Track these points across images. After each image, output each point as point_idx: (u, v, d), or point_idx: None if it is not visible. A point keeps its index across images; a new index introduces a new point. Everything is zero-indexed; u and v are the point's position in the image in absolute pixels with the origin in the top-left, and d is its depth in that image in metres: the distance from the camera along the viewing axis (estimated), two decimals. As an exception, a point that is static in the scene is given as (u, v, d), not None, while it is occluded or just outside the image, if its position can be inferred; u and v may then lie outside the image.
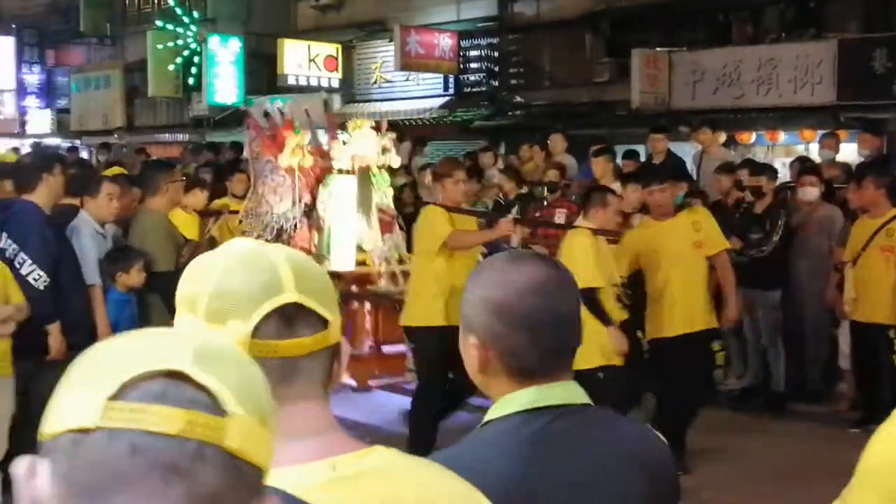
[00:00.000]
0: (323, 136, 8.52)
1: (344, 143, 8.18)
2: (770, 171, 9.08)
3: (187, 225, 7.79)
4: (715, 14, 14.87)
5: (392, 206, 8.27)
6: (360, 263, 8.51)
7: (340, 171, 8.09)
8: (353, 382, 8.41)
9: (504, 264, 1.68)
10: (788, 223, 8.54)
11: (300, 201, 7.99)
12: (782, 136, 13.73)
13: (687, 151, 11.80)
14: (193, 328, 1.15)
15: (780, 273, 8.50)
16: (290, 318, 1.22)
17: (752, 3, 14.64)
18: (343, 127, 8.48)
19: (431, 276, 6.60)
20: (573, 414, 1.64)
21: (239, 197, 10.03)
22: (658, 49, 14.44)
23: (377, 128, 8.27)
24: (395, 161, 8.31)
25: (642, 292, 6.78)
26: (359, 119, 8.55)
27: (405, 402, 7.49)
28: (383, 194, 8.27)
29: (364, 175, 8.17)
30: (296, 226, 8.01)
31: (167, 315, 5.77)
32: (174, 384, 0.84)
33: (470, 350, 1.64)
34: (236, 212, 9.34)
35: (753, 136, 13.86)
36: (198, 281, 1.25)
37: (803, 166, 9.62)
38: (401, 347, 8.67)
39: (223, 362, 0.89)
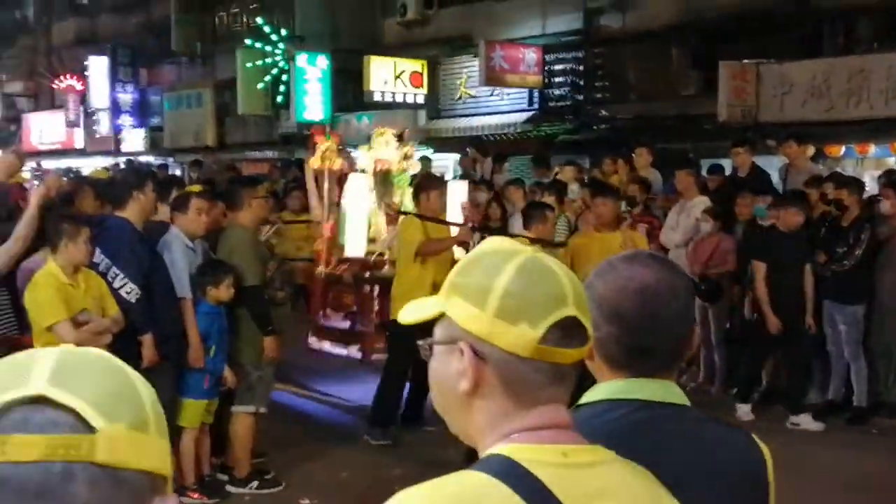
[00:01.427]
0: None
1: (369, 148, 9.28)
2: (854, 184, 9.06)
3: None
4: (804, 25, 14.79)
5: (402, 202, 9.16)
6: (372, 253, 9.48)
7: (363, 171, 9.18)
8: (359, 355, 9.20)
9: (620, 261, 1.80)
10: (874, 236, 8.57)
11: (324, 199, 9.06)
12: (872, 149, 13.64)
13: (775, 165, 11.78)
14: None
15: (863, 287, 8.55)
16: (570, 329, 1.34)
17: (844, 14, 14.54)
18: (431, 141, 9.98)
19: (412, 277, 7.66)
20: (659, 409, 1.71)
21: (296, 211, 11.05)
22: (746, 61, 14.39)
23: (400, 137, 9.43)
24: (415, 167, 9.42)
25: None
26: (381, 129, 9.74)
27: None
28: (402, 193, 9.23)
29: (385, 176, 9.19)
30: (326, 218, 9.08)
31: (255, 327, 6.60)
32: (35, 409, 0.88)
33: None
34: (291, 222, 10.69)
35: (843, 150, 13.78)
36: (488, 275, 1.34)
37: (888, 179, 9.57)
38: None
39: (83, 376, 0.92)
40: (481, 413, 1.36)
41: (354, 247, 9.33)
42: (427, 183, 8.32)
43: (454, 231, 8.33)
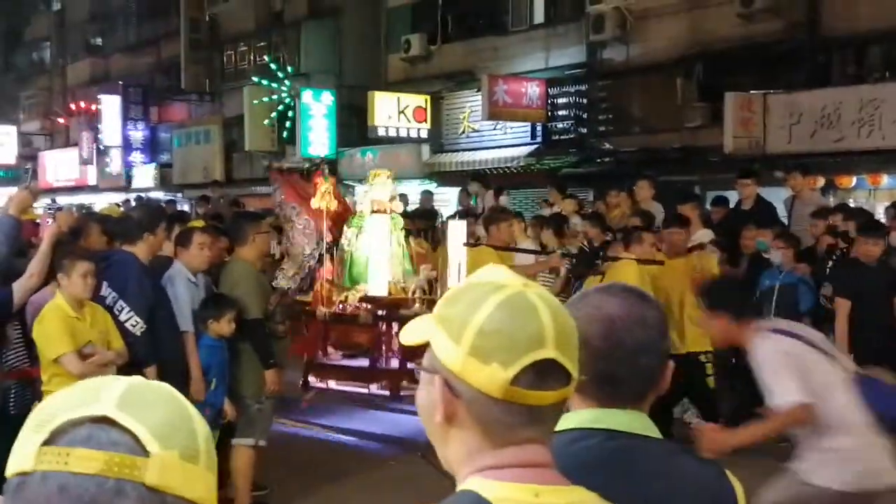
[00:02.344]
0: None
1: (365, 191, 9.21)
2: (862, 215, 8.37)
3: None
4: (814, 54, 14.09)
5: (423, 242, 9.30)
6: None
7: (374, 212, 9.06)
8: (386, 392, 9.08)
9: (594, 291, 1.79)
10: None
11: (323, 240, 8.83)
12: (885, 180, 12.82)
13: (782, 196, 11.07)
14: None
15: None
16: (545, 371, 1.27)
17: (854, 42, 13.82)
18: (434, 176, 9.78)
19: None
20: (628, 440, 1.67)
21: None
22: (753, 91, 13.74)
23: (391, 176, 9.42)
24: (398, 207, 9.28)
25: None
26: (378, 170, 9.60)
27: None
28: (399, 234, 9.17)
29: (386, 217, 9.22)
30: (321, 260, 8.85)
31: (257, 360, 6.47)
32: (100, 428, 0.94)
33: None
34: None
35: (854, 181, 12.99)
36: (468, 309, 1.28)
37: None
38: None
39: (147, 405, 0.98)
40: (457, 445, 1.32)
41: (376, 287, 9.13)
42: (497, 216, 8.68)
43: (522, 258, 8.56)
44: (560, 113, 17.79)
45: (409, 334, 1.37)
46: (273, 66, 22.47)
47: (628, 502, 1.51)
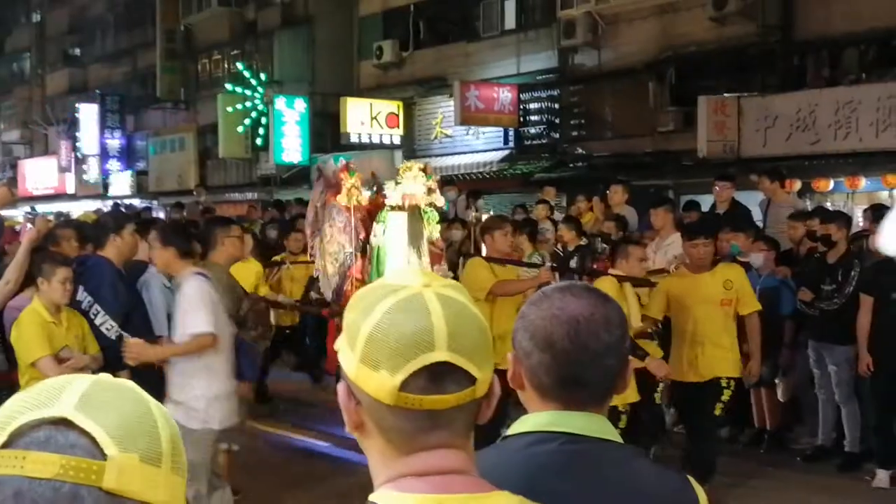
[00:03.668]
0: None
1: (397, 183, 8.35)
2: (842, 219, 7.83)
3: (251, 274, 8.61)
4: (788, 57, 13.38)
5: (440, 239, 8.23)
6: None
7: (393, 208, 8.20)
8: None
9: (556, 291, 1.65)
10: (863, 273, 7.29)
11: (357, 237, 8.16)
12: (864, 183, 12.08)
13: (758, 200, 10.36)
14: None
15: (853, 326, 7.21)
16: (439, 375, 1.18)
17: (829, 44, 13.10)
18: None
19: None
20: (588, 444, 1.57)
21: (295, 254, 10.27)
22: (726, 95, 13.04)
23: (424, 169, 8.29)
24: (440, 200, 8.24)
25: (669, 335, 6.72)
26: (409, 163, 8.50)
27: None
28: (433, 230, 8.28)
29: (414, 212, 8.16)
30: (354, 258, 8.26)
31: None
32: (58, 430, 0.88)
33: (508, 363, 1.62)
34: (295, 263, 9.99)
35: (832, 183, 12.25)
36: (362, 315, 1.21)
37: (876, 214, 8.23)
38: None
39: (107, 405, 0.91)
40: (370, 453, 1.27)
41: None
42: (491, 223, 7.66)
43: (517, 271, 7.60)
44: (532, 118, 17.15)
45: (338, 342, 1.28)
46: (246, 74, 21.90)
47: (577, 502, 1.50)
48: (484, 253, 7.62)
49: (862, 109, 11.64)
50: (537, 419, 1.59)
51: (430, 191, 8.16)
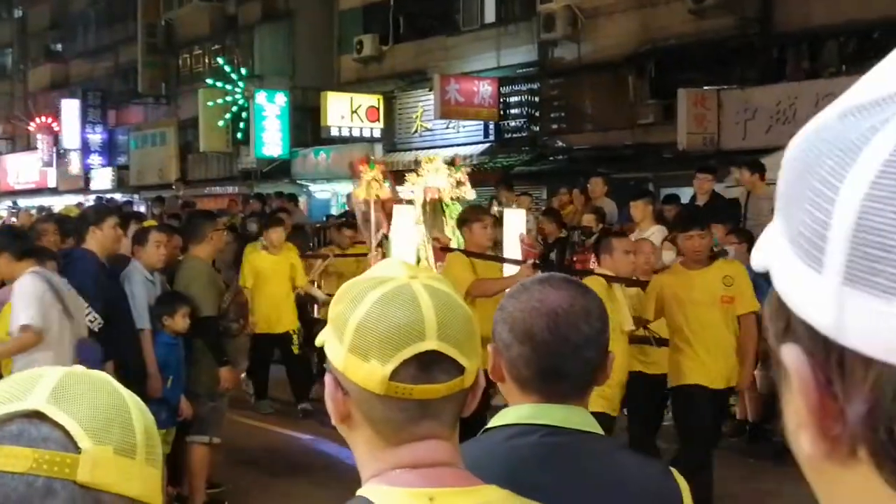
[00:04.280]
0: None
1: (418, 175, 8.02)
2: None
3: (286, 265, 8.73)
4: (767, 50, 13.12)
5: (450, 235, 7.80)
6: None
7: (410, 202, 7.98)
8: None
9: (535, 283, 1.62)
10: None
11: (378, 231, 8.03)
12: (845, 175, 11.86)
13: (738, 192, 10.17)
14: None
15: None
16: (429, 364, 1.17)
17: (809, 37, 12.86)
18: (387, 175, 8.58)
19: None
20: (569, 435, 1.55)
21: (342, 247, 10.04)
22: (706, 87, 12.80)
23: (452, 162, 8.14)
24: (470, 193, 7.91)
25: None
26: (432, 156, 8.55)
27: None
28: (452, 223, 7.87)
29: (436, 206, 7.85)
30: (376, 252, 8.00)
31: (211, 358, 6.26)
32: (31, 423, 0.86)
33: (488, 355, 1.56)
34: (340, 255, 9.79)
35: (813, 176, 12.02)
36: (350, 306, 1.19)
37: None
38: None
39: (80, 397, 0.88)
40: (357, 446, 1.24)
41: None
42: (470, 215, 6.89)
43: (508, 269, 6.87)
44: (512, 111, 16.84)
45: (319, 336, 1.25)
46: (227, 68, 21.49)
47: (569, 499, 1.47)
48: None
49: (842, 102, 11.42)
50: (518, 412, 1.56)
51: (458, 183, 7.86)
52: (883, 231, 0.45)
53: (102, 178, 28.74)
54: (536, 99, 16.43)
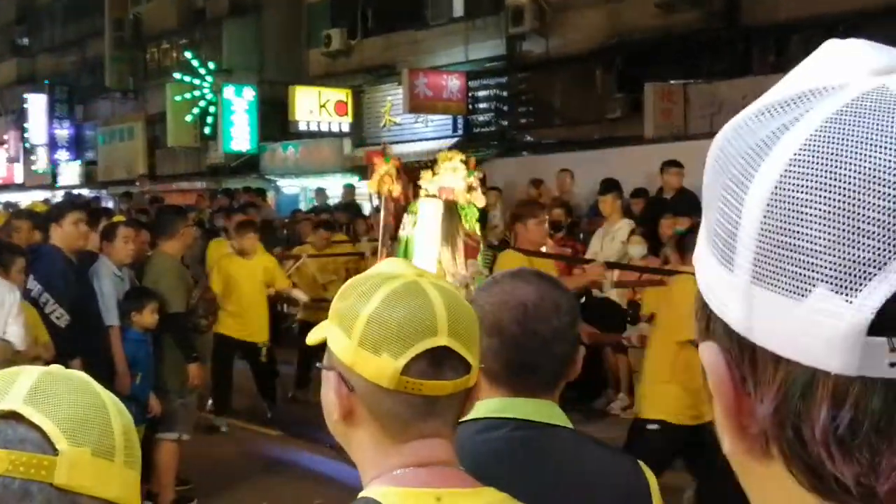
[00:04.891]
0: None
1: (434, 173, 7.44)
2: None
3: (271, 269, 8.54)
4: (734, 44, 13.01)
5: (478, 232, 7.32)
6: None
7: (428, 195, 7.39)
8: None
9: (506, 277, 1.61)
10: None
11: (388, 229, 7.54)
12: (811, 169, 11.79)
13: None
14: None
15: None
16: (440, 360, 1.18)
17: (774, 31, 12.76)
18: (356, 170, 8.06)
19: None
20: (538, 429, 1.54)
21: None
22: (672, 82, 12.68)
23: (466, 162, 7.41)
24: (480, 200, 7.26)
25: None
26: (450, 153, 7.66)
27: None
28: (473, 225, 7.30)
29: (451, 207, 7.22)
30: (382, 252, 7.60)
31: (180, 355, 6.32)
32: (8, 424, 0.84)
33: None
34: (311, 256, 9.66)
35: (780, 170, 11.95)
36: (359, 301, 1.18)
37: None
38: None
39: (57, 398, 0.86)
40: (359, 445, 1.21)
41: None
42: (525, 210, 6.55)
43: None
44: (481, 105, 16.61)
45: (312, 334, 1.25)
46: (195, 62, 21.08)
47: (538, 492, 1.43)
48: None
49: (809, 95, 11.34)
50: (487, 405, 1.53)
51: (469, 188, 7.26)
52: (786, 230, 0.46)
53: (70, 173, 28.25)
54: (505, 93, 16.23)
